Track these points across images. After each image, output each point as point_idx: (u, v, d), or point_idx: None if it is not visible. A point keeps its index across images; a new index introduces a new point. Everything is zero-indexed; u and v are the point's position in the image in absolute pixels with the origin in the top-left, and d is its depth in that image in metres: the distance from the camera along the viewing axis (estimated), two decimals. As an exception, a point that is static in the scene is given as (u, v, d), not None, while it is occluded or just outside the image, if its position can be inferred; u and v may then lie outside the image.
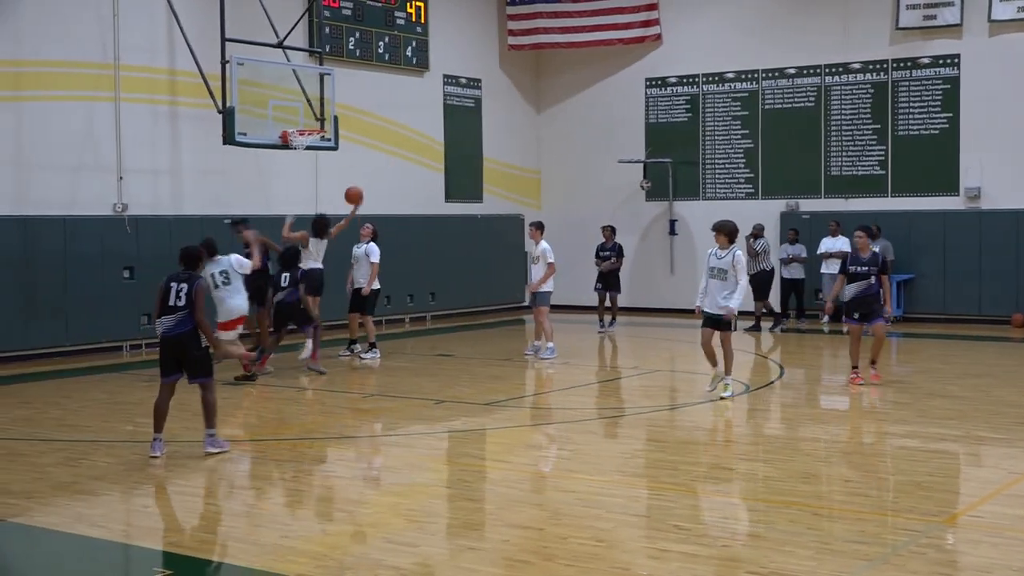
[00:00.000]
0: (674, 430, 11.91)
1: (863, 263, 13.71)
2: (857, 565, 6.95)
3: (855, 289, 13.73)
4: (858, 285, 13.70)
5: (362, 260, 16.90)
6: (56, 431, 11.64)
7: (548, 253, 16.78)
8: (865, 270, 13.67)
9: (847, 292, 13.85)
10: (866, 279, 13.66)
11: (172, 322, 10.22)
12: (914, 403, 12.91)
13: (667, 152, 24.30)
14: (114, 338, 17.91)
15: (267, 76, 17.97)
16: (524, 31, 25.12)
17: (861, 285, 13.69)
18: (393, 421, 12.40)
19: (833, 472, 9.72)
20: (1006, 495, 8.62)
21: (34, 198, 17.14)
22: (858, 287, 13.71)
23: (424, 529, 8.07)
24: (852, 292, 13.77)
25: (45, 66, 17.29)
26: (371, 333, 16.94)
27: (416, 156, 23.29)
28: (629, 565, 7.04)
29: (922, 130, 21.89)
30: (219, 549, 7.49)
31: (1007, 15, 20.78)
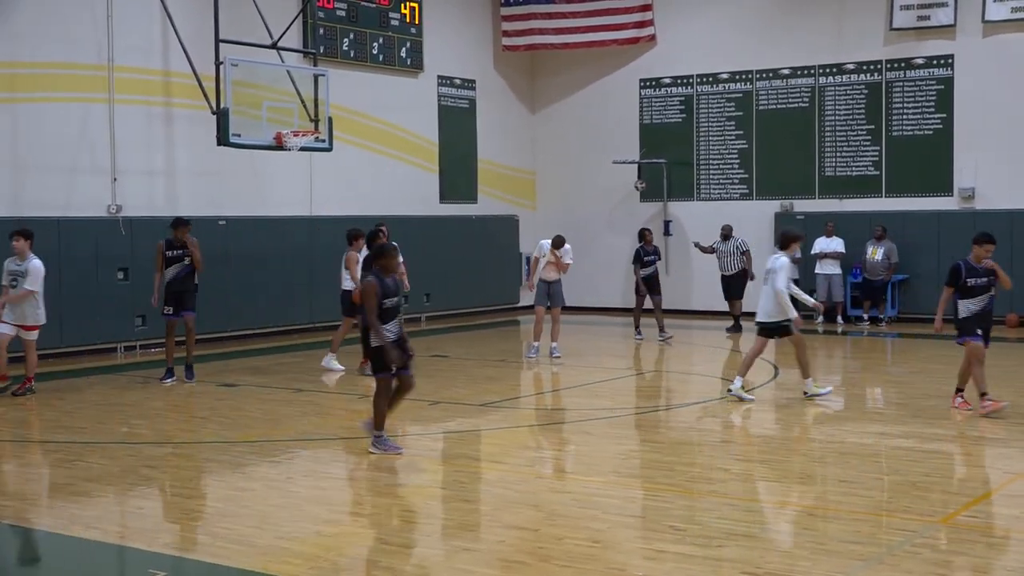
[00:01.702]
0: (669, 431, 11.92)
1: (982, 275, 12.75)
2: (853, 565, 6.95)
3: (979, 304, 12.71)
4: (981, 300, 12.70)
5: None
6: (50, 432, 11.62)
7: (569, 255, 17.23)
8: (985, 282, 12.74)
9: (966, 308, 12.73)
10: (987, 292, 12.72)
11: None
12: (909, 403, 12.93)
13: (661, 153, 24.31)
14: (108, 339, 17.89)
15: (261, 77, 17.94)
16: (518, 32, 25.12)
17: (984, 299, 12.72)
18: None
19: (828, 472, 9.72)
20: (1001, 495, 8.64)
21: (28, 199, 17.11)
22: (982, 301, 12.71)
23: (419, 530, 8.07)
24: (976, 307, 12.70)
25: (40, 67, 17.26)
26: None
27: (411, 157, 23.28)
28: (625, 566, 7.04)
29: (916, 131, 21.92)
30: (214, 550, 7.48)
31: (1001, 15, 20.82)
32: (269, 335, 20.09)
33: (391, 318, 10.29)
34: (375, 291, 10.13)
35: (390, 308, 10.25)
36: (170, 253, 14.90)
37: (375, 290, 10.14)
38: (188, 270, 14.90)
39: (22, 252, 13.67)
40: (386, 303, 10.20)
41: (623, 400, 13.65)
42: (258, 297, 19.99)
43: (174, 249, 14.91)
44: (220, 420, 12.31)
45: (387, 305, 10.21)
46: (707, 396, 13.68)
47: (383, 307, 10.19)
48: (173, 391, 14.34)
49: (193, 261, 14.90)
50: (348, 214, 20.96)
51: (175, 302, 14.86)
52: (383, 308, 10.19)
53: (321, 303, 20.67)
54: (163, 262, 14.88)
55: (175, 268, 14.87)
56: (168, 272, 14.88)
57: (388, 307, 10.25)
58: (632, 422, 12.32)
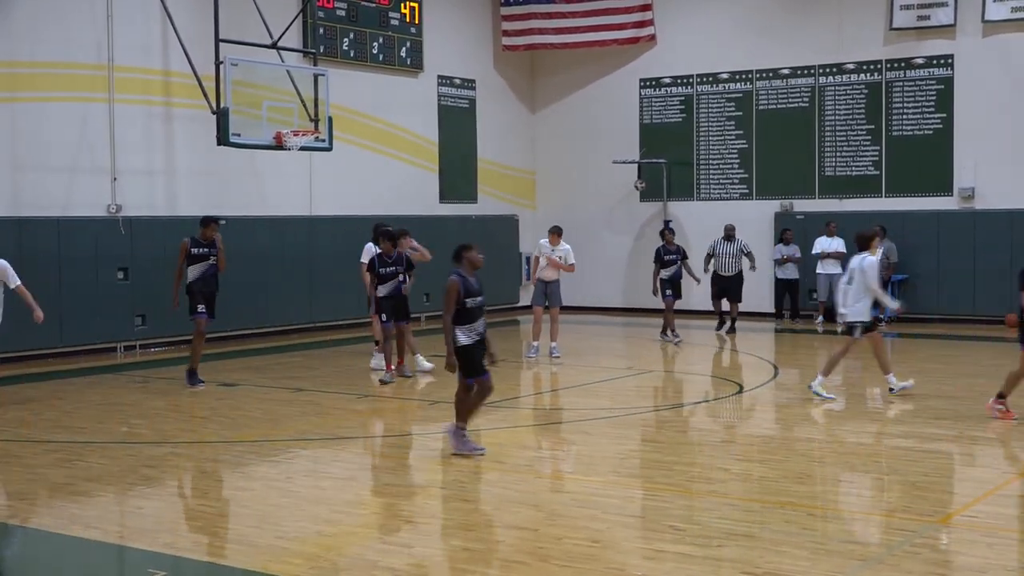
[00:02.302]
0: (669, 431, 11.92)
1: None
2: (852, 565, 6.96)
3: None
4: None
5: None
6: (51, 432, 11.62)
7: (571, 255, 17.28)
8: None
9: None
10: None
11: None
12: (909, 403, 12.92)
13: (661, 153, 24.31)
14: (108, 339, 17.89)
15: (261, 77, 17.95)
16: (518, 32, 25.12)
17: None
18: (388, 422, 12.40)
19: (828, 472, 9.72)
20: (1001, 495, 8.64)
21: (28, 199, 17.11)
22: None
23: (419, 530, 8.07)
24: None
25: (39, 67, 17.26)
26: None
27: (410, 157, 23.28)
28: (624, 566, 7.04)
29: (916, 130, 21.92)
30: (214, 550, 7.48)
31: (1001, 15, 20.81)
32: (269, 335, 20.09)
33: (475, 318, 9.98)
34: (457, 290, 9.85)
35: (473, 308, 9.95)
36: (196, 251, 14.43)
37: (457, 288, 9.85)
38: (214, 270, 14.56)
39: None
40: (468, 303, 9.90)
41: (622, 400, 13.65)
42: (258, 297, 19.98)
43: (200, 247, 14.47)
44: (220, 420, 12.31)
45: (470, 305, 9.92)
46: (706, 396, 13.67)
47: (465, 306, 9.88)
48: (172, 391, 14.35)
49: (219, 261, 14.55)
50: (348, 214, 20.98)
51: (206, 302, 14.51)
52: (466, 308, 9.89)
53: (321, 303, 20.70)
54: (186, 260, 14.43)
55: (201, 267, 14.45)
56: (192, 271, 14.43)
57: (471, 307, 9.93)
58: (631, 422, 12.32)
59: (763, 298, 22.92)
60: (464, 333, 9.95)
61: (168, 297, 14.98)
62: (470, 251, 10.16)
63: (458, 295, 9.85)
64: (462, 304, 9.88)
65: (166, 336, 18.68)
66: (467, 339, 9.95)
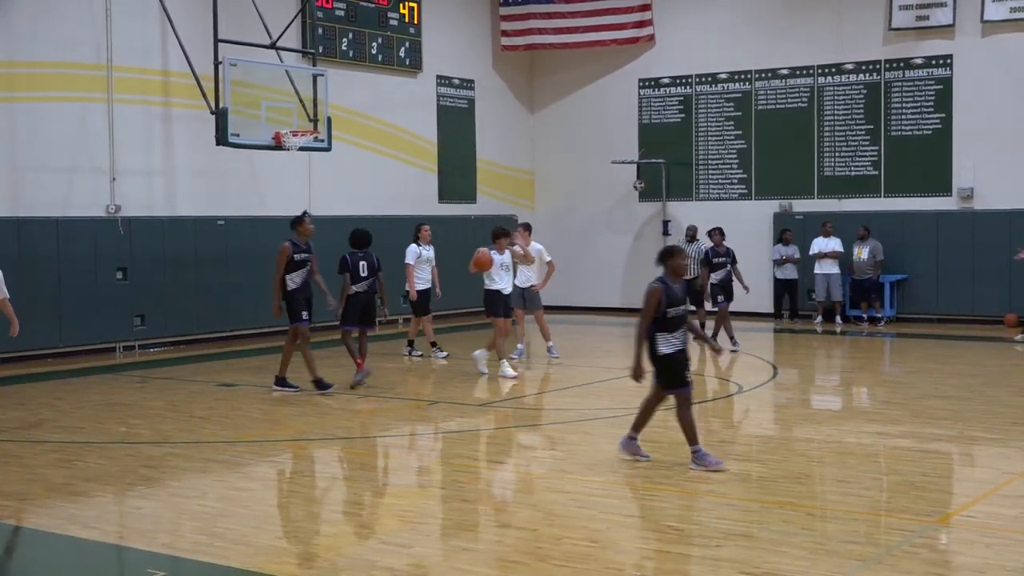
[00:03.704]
0: (668, 431, 11.91)
1: None
2: (851, 565, 6.96)
3: None
4: None
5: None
6: (49, 432, 11.61)
7: (546, 253, 16.95)
8: None
9: None
10: None
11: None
12: (907, 403, 12.93)
13: (660, 153, 24.31)
14: (107, 339, 17.89)
15: (260, 77, 17.95)
16: (517, 32, 25.12)
17: None
18: (387, 422, 12.40)
19: (827, 472, 9.72)
20: (1000, 495, 8.63)
21: (28, 200, 17.11)
22: None
23: (418, 530, 8.07)
24: None
25: (38, 67, 17.26)
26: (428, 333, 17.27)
27: (409, 157, 23.28)
28: (623, 566, 7.04)
29: (915, 130, 21.93)
30: (213, 550, 7.48)
31: (1000, 15, 20.82)
32: (268, 335, 20.07)
33: (676, 327, 9.35)
34: (658, 298, 9.25)
35: (675, 317, 9.33)
36: (298, 257, 13.85)
37: (659, 296, 9.25)
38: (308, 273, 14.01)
39: None
40: (670, 312, 9.27)
41: (622, 400, 13.64)
42: (257, 297, 19.94)
43: (301, 252, 13.90)
44: (219, 420, 12.31)
45: (671, 314, 9.30)
46: (706, 396, 13.67)
47: (666, 316, 9.26)
48: (171, 391, 14.35)
49: (313, 265, 14.05)
50: (347, 214, 20.96)
51: (308, 308, 14.05)
52: (667, 317, 9.26)
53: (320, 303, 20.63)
54: (287, 265, 13.80)
55: (302, 273, 13.89)
56: (294, 278, 13.84)
57: (672, 316, 9.31)
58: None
59: (762, 298, 22.94)
60: (665, 342, 9.36)
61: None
62: (674, 257, 9.44)
63: (659, 304, 9.25)
64: (663, 313, 9.27)
65: (165, 336, 18.69)
66: (668, 348, 9.38)
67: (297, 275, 13.83)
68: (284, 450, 10.72)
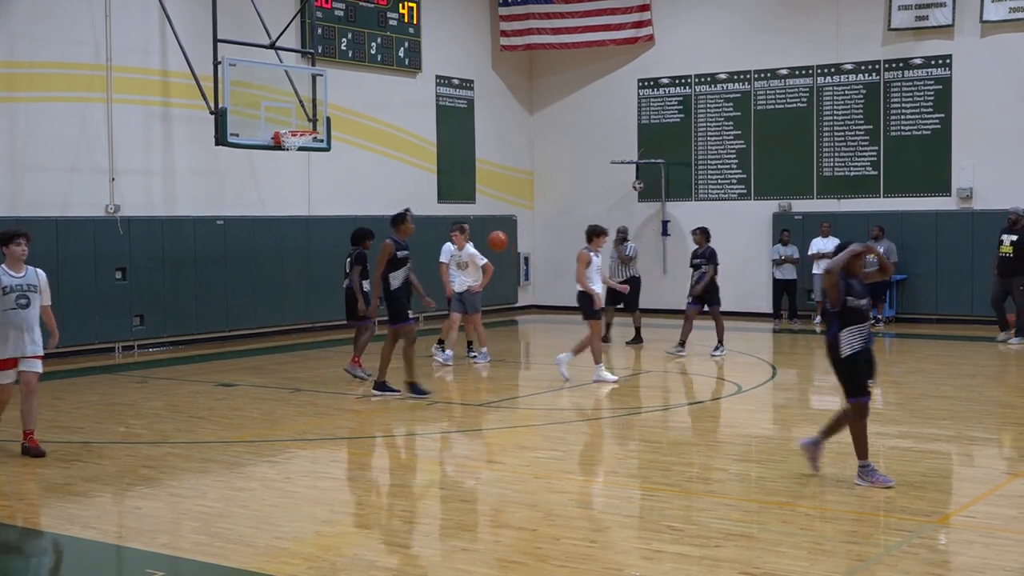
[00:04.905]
0: (667, 431, 11.92)
1: None
2: (850, 565, 6.96)
3: None
4: None
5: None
6: (49, 432, 11.60)
7: (479, 256, 16.48)
8: None
9: None
10: None
11: None
12: (907, 403, 12.93)
13: (659, 153, 24.31)
14: (107, 339, 17.89)
15: (259, 77, 17.95)
16: (517, 32, 25.13)
17: None
18: (386, 422, 12.40)
19: (826, 472, 9.72)
20: (999, 495, 8.64)
21: (27, 199, 17.11)
22: None
23: (417, 530, 8.07)
24: None
25: (38, 67, 17.26)
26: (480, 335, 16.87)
27: (409, 157, 23.29)
28: (622, 566, 7.04)
29: (914, 131, 21.93)
30: (212, 550, 7.48)
31: (999, 16, 20.82)
32: (267, 335, 20.10)
33: (858, 321, 8.85)
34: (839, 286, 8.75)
35: (856, 309, 8.82)
36: (400, 254, 13.32)
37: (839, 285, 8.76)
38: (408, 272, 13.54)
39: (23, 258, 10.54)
40: (850, 301, 8.77)
41: (621, 400, 13.65)
42: (256, 297, 20.00)
43: (402, 249, 13.37)
44: (218, 420, 12.31)
45: (851, 304, 8.78)
46: (705, 396, 13.67)
47: (846, 305, 8.77)
48: (170, 391, 14.35)
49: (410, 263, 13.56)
50: (346, 214, 20.97)
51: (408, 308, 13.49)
52: (850, 308, 8.79)
53: (319, 303, 20.69)
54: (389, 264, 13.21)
55: (404, 271, 13.37)
56: (397, 276, 13.26)
57: (853, 307, 8.80)
58: (630, 422, 12.32)
59: (761, 299, 22.95)
60: (848, 340, 8.82)
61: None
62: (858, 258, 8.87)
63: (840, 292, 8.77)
64: (843, 302, 8.79)
65: (164, 336, 18.70)
66: (851, 347, 8.82)
67: (399, 273, 13.32)
68: (283, 450, 10.72)
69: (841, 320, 8.81)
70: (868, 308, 8.91)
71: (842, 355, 8.82)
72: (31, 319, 10.35)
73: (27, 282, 10.37)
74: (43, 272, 10.64)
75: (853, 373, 8.87)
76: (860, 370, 8.86)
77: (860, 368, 8.85)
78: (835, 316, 8.85)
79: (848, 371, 8.88)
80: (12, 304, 10.22)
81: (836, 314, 8.84)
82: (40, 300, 10.44)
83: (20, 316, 10.26)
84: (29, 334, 10.33)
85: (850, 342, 8.80)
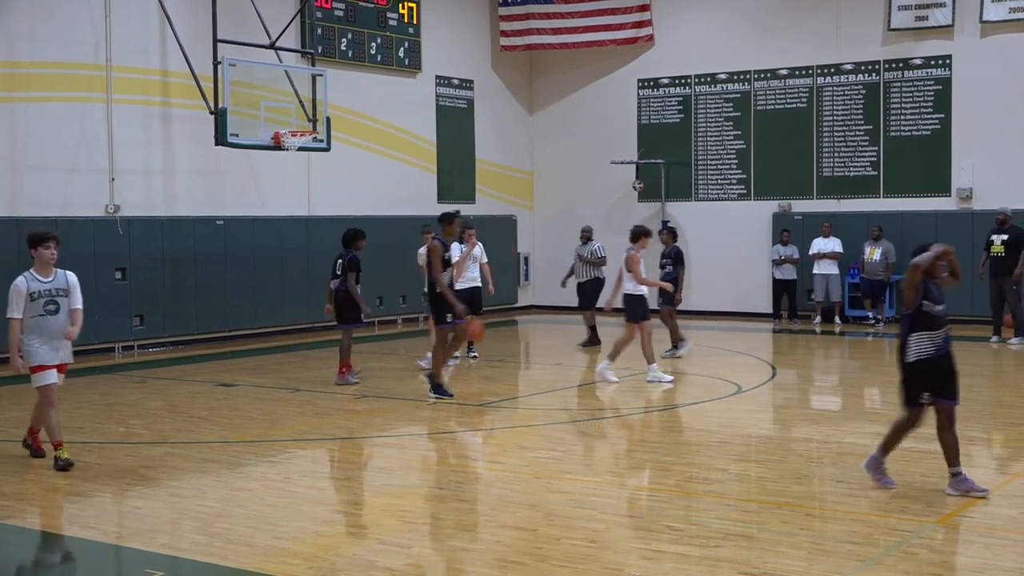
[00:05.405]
0: (666, 431, 11.92)
1: None
2: (850, 565, 6.96)
3: None
4: None
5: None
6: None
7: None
8: None
9: None
10: None
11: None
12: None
13: (659, 153, 24.31)
14: (106, 339, 17.88)
15: (259, 77, 17.95)
16: (516, 32, 25.13)
17: None
18: (386, 422, 12.40)
19: (825, 472, 9.73)
20: (998, 495, 8.64)
21: (27, 199, 17.11)
22: None
23: (417, 530, 8.07)
24: None
25: (38, 67, 17.27)
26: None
27: (408, 157, 23.29)
28: (622, 566, 7.04)
29: (914, 131, 21.93)
30: (211, 550, 7.48)
31: (999, 16, 20.83)
32: (267, 335, 20.10)
33: (931, 327, 8.60)
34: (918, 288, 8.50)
35: (931, 314, 8.59)
36: (446, 256, 13.42)
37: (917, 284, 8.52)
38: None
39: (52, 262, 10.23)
40: (925, 305, 8.56)
41: (621, 400, 13.65)
42: (256, 297, 20.00)
43: (448, 250, 13.51)
44: (218, 420, 12.31)
45: (926, 308, 8.56)
46: (705, 397, 13.66)
47: (920, 308, 8.57)
48: (170, 391, 14.35)
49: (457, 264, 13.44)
50: (346, 214, 20.97)
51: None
52: (924, 313, 8.56)
53: (319, 303, 20.63)
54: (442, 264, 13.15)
55: (451, 272, 13.44)
56: (445, 277, 13.23)
57: (928, 311, 8.58)
58: (630, 422, 12.32)
59: (761, 299, 22.96)
60: (917, 344, 8.61)
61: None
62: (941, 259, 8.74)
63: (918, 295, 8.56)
64: (918, 306, 8.59)
65: (164, 336, 18.70)
66: (918, 352, 8.60)
67: (446, 275, 13.31)
68: (283, 450, 10.72)
69: (913, 323, 8.56)
70: (944, 315, 8.62)
71: (907, 360, 8.60)
72: (61, 326, 9.93)
73: (56, 287, 9.95)
74: (73, 274, 10.20)
75: (913, 381, 8.62)
76: (921, 379, 8.58)
77: (922, 377, 8.58)
78: (908, 318, 8.61)
79: (908, 377, 8.64)
80: (40, 310, 9.81)
81: (909, 316, 8.59)
82: (69, 304, 10.02)
83: (49, 323, 9.84)
84: (59, 341, 9.95)
85: (918, 347, 8.56)
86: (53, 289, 9.95)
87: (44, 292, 9.90)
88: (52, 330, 9.87)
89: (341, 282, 14.53)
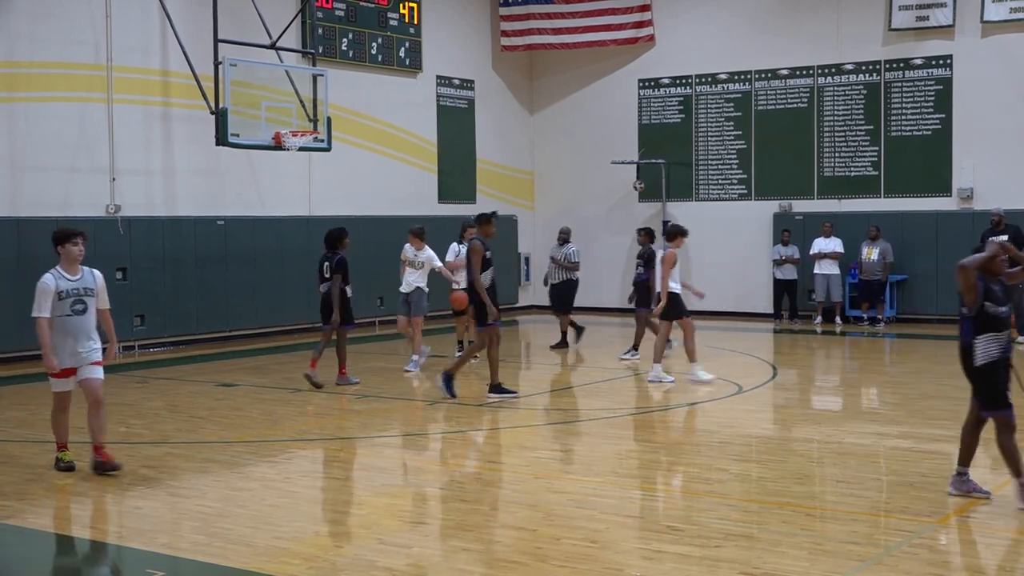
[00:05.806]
0: (667, 431, 11.92)
1: None
2: (850, 566, 6.96)
3: None
4: None
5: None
6: (49, 432, 11.57)
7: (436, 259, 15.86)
8: None
9: None
10: None
11: None
12: (907, 404, 12.93)
13: (660, 153, 24.31)
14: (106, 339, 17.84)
15: (260, 77, 17.96)
16: (517, 32, 25.13)
17: None
18: (386, 422, 12.40)
19: (826, 473, 9.72)
20: (999, 496, 8.63)
21: (27, 199, 17.12)
22: None
23: (417, 530, 8.07)
24: None
25: (38, 67, 17.27)
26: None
27: (409, 157, 23.29)
28: (622, 566, 7.04)
29: (915, 131, 21.93)
30: (212, 550, 7.48)
31: (999, 16, 20.83)
32: (267, 335, 20.10)
33: (995, 328, 8.27)
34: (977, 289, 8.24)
35: (994, 316, 8.25)
36: (487, 255, 13.00)
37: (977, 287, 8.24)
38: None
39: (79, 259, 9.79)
40: (988, 307, 8.21)
41: (621, 400, 13.65)
42: (256, 297, 20.00)
43: (488, 250, 13.04)
44: (218, 420, 12.31)
45: (989, 310, 8.22)
46: (705, 397, 13.66)
47: (984, 309, 8.23)
48: (170, 391, 14.35)
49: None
50: (346, 214, 20.97)
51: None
52: (988, 315, 8.24)
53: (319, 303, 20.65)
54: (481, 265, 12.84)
55: (492, 271, 13.08)
56: (486, 276, 12.93)
57: (992, 314, 8.24)
58: (630, 422, 12.32)
59: (761, 299, 22.95)
60: (984, 347, 8.28)
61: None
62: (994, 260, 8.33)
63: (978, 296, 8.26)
64: (980, 307, 8.26)
65: (165, 336, 18.70)
66: (987, 355, 8.29)
67: (487, 274, 13.05)
68: (283, 450, 10.72)
69: (976, 326, 8.29)
70: (1008, 316, 8.34)
71: (976, 363, 8.32)
72: (88, 325, 9.62)
73: (83, 285, 9.61)
74: (99, 273, 9.88)
75: (990, 382, 8.32)
76: (999, 378, 8.30)
77: (999, 376, 8.30)
78: (970, 320, 8.32)
79: (985, 380, 8.34)
80: (68, 310, 9.50)
81: (971, 319, 8.30)
82: (96, 303, 9.72)
83: (76, 323, 9.55)
84: (87, 341, 9.63)
85: (986, 350, 8.28)
86: (81, 288, 9.64)
87: (72, 291, 9.60)
88: (78, 330, 9.63)
89: (329, 286, 14.48)
